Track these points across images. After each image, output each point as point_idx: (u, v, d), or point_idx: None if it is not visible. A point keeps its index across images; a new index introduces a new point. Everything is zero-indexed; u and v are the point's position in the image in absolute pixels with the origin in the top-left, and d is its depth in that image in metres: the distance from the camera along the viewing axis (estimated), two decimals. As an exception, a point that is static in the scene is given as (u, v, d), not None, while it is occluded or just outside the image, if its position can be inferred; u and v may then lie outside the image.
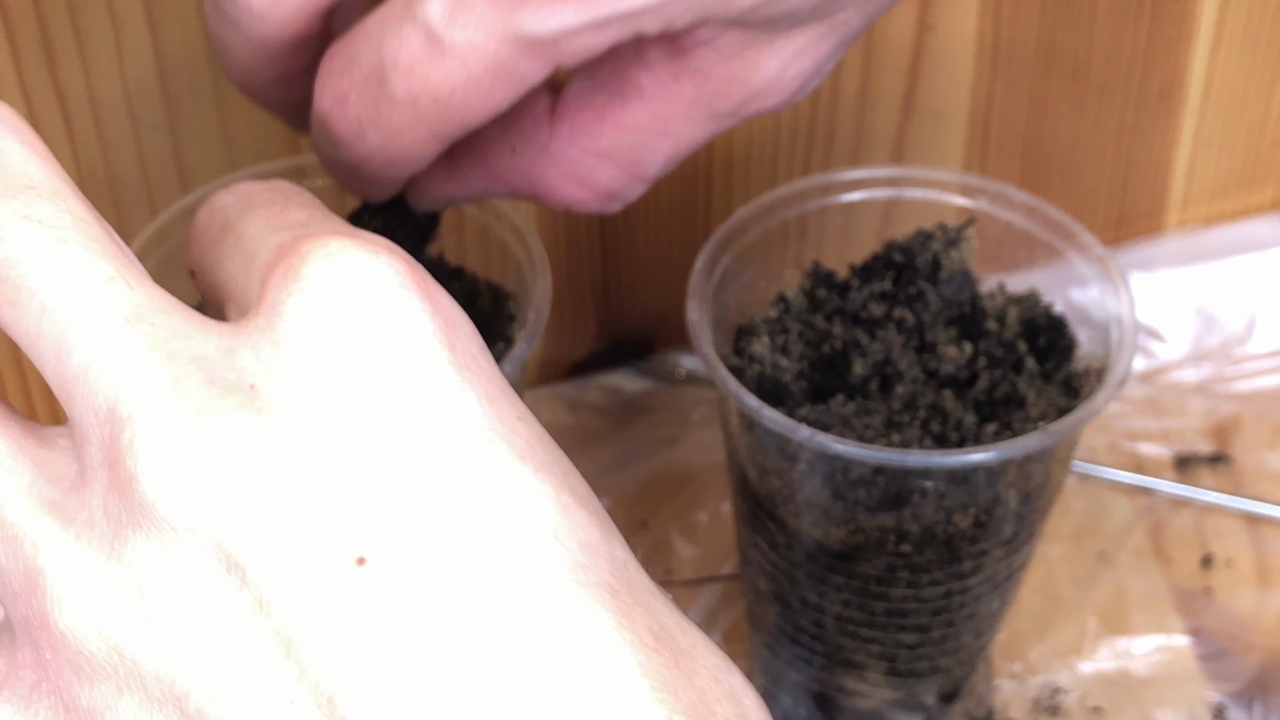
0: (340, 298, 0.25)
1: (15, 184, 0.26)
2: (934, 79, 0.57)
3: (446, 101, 0.34)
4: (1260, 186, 0.64)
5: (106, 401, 0.24)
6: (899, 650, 0.46)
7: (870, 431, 0.42)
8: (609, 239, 0.57)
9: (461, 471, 0.24)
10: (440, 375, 0.25)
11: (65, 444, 0.26)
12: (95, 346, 0.25)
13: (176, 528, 0.24)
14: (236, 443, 0.24)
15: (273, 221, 0.28)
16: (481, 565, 0.24)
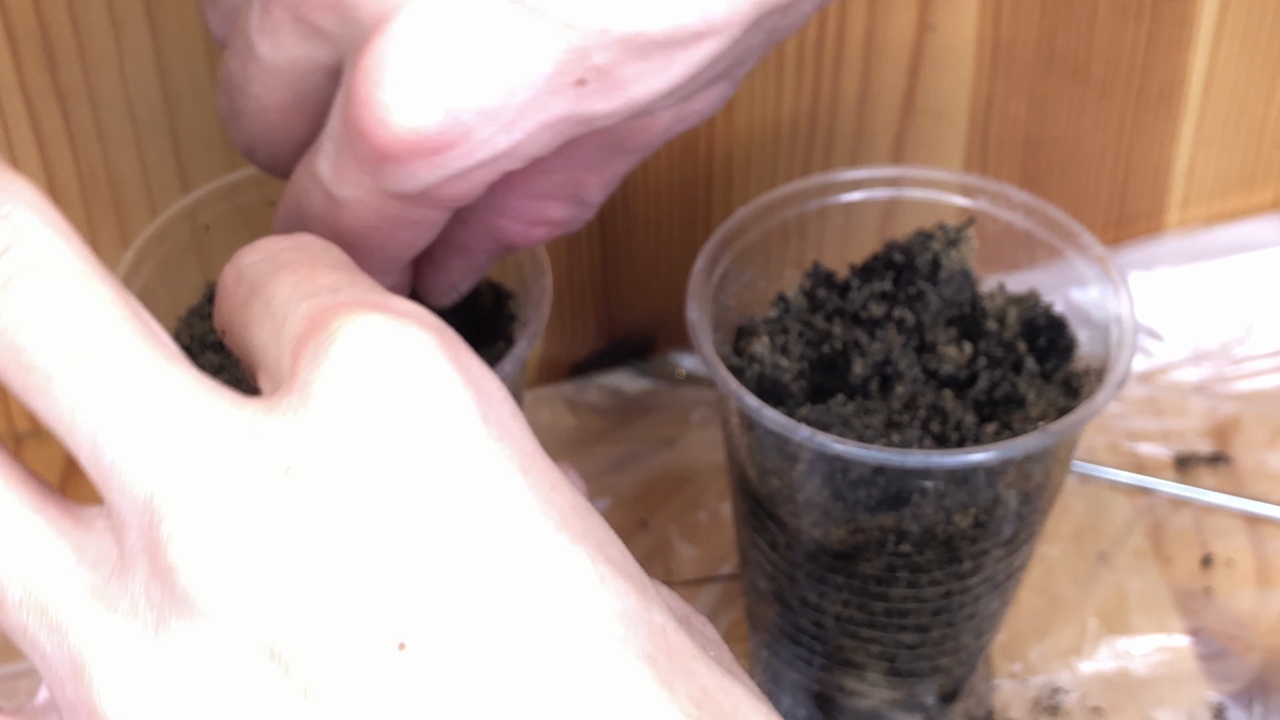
0: (371, 376, 0.25)
1: (41, 270, 0.26)
2: (934, 79, 0.57)
3: (362, 244, 0.35)
4: (1260, 186, 0.64)
5: (144, 494, 0.25)
6: (899, 650, 0.46)
7: (870, 431, 0.42)
8: (609, 239, 0.57)
9: (499, 549, 0.25)
10: (476, 453, 0.25)
11: (104, 525, 0.26)
12: (129, 441, 0.25)
13: (220, 619, 0.24)
14: (274, 533, 0.24)
15: (301, 287, 0.28)
16: (524, 646, 0.24)
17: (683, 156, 0.56)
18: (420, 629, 0.24)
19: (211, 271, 0.44)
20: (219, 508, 0.24)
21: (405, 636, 0.24)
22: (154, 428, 0.25)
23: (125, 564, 0.25)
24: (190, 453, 0.25)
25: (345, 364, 0.25)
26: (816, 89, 0.56)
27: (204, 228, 0.44)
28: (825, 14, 0.54)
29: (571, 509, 0.26)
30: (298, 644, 0.24)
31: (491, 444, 0.25)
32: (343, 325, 0.26)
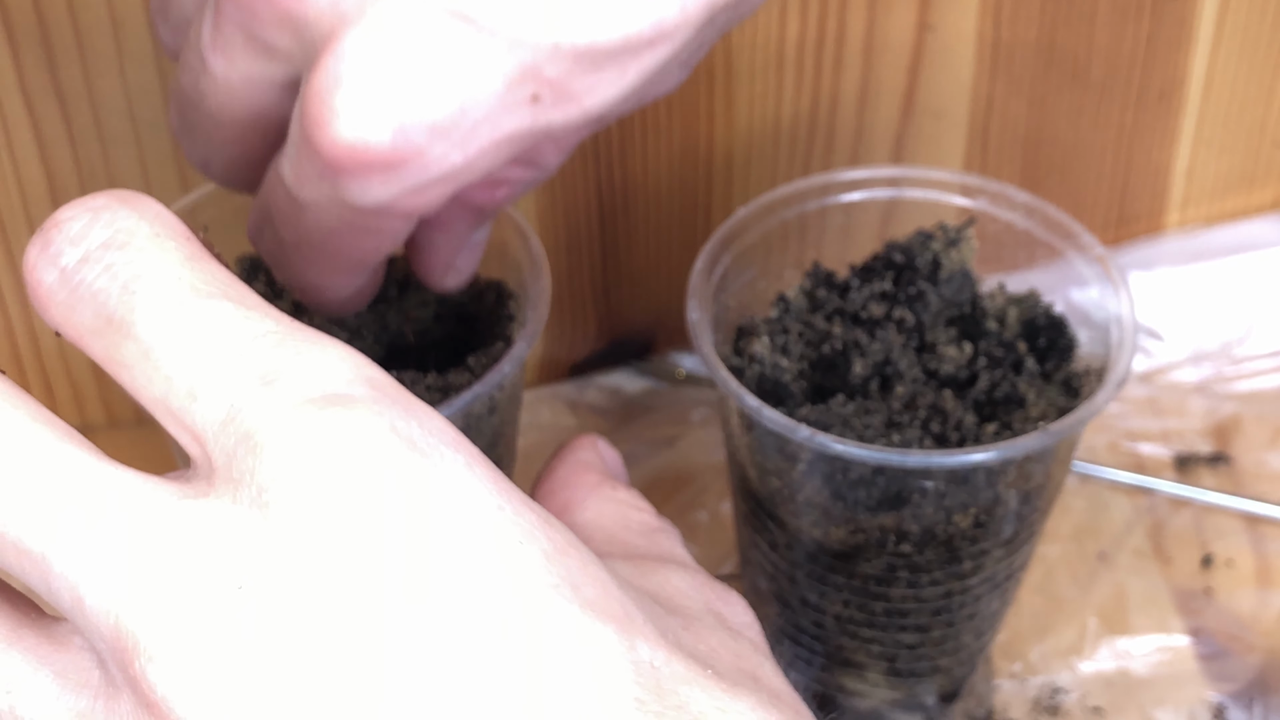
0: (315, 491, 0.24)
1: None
2: (934, 79, 0.57)
3: (326, 246, 0.35)
4: (1260, 186, 0.64)
5: (109, 629, 0.24)
6: (899, 650, 0.46)
7: (870, 431, 0.42)
8: (609, 239, 0.57)
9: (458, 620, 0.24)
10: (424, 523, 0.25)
11: (80, 642, 0.26)
12: (79, 583, 0.24)
13: None
14: (239, 652, 0.24)
15: (186, 337, 0.26)
16: (487, 710, 0.24)
17: (683, 157, 0.56)
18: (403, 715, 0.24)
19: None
20: (184, 642, 0.24)
21: None
22: (105, 562, 0.24)
23: (111, 690, 0.25)
24: (144, 585, 0.24)
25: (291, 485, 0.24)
26: (816, 89, 0.56)
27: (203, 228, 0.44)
28: (825, 14, 0.54)
29: (544, 555, 0.25)
30: None
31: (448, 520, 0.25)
32: (281, 444, 0.25)
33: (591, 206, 0.56)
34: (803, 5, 0.54)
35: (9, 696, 0.25)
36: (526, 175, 0.37)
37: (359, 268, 0.37)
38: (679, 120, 0.55)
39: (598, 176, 0.55)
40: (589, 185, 0.55)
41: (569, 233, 0.56)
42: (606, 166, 0.55)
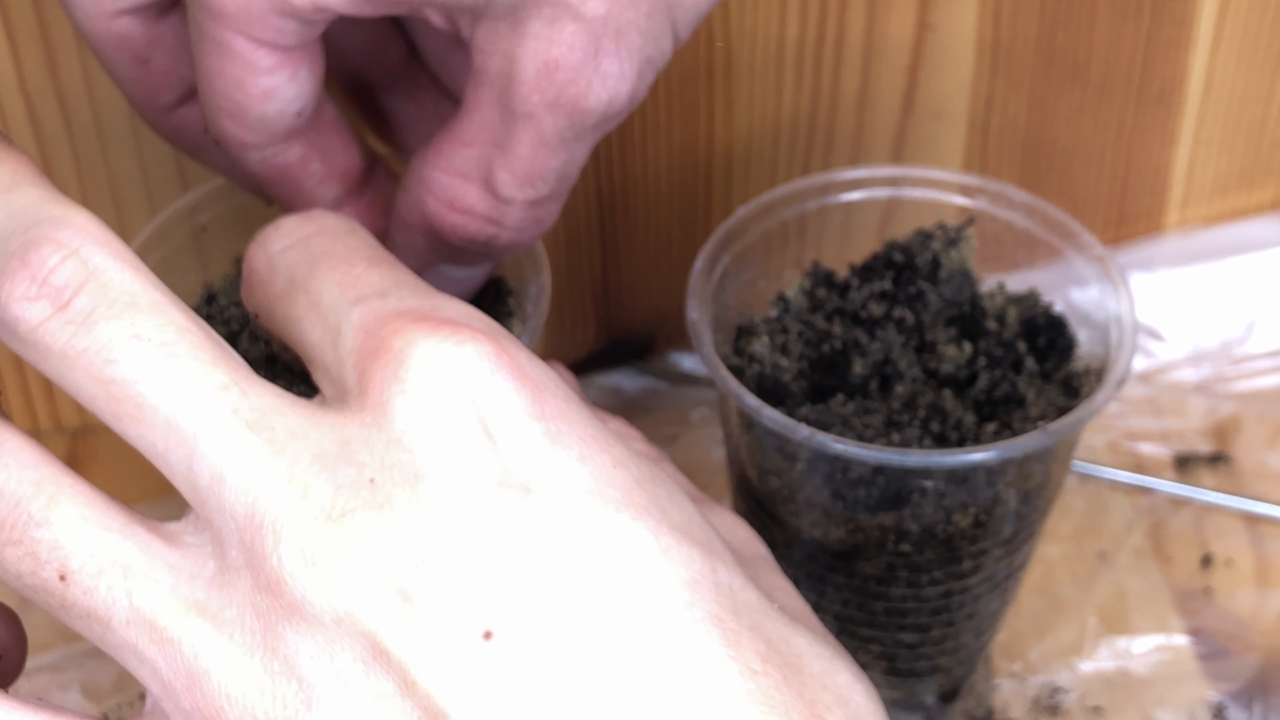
0: (439, 396, 0.27)
1: (117, 303, 0.27)
2: (934, 79, 0.57)
3: (210, 88, 0.36)
4: (1260, 186, 0.64)
5: (244, 509, 0.26)
6: (899, 650, 0.46)
7: (870, 431, 0.42)
8: (609, 239, 0.57)
9: (566, 535, 0.27)
10: (534, 449, 0.28)
11: (191, 540, 0.28)
12: (224, 458, 0.27)
13: (325, 622, 0.26)
14: (368, 539, 0.26)
15: (346, 288, 0.30)
16: (594, 623, 0.26)
17: (682, 156, 0.56)
18: (502, 619, 0.26)
19: (209, 272, 0.44)
20: (316, 521, 0.26)
21: (490, 626, 0.26)
22: (246, 448, 0.27)
23: (228, 577, 0.27)
24: (282, 469, 0.27)
25: (414, 389, 0.27)
26: (816, 89, 0.56)
27: (201, 228, 0.44)
28: (825, 14, 0.54)
29: (634, 482, 0.28)
30: (395, 641, 0.26)
31: (547, 441, 0.28)
32: (406, 352, 0.28)
33: (591, 206, 0.56)
34: (803, 5, 0.54)
35: (125, 583, 0.27)
36: (482, 203, 0.37)
37: (257, 118, 0.37)
38: (679, 120, 0.55)
39: (597, 176, 0.55)
40: (589, 185, 0.55)
41: (569, 232, 0.56)
42: (606, 166, 0.55)
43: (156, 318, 0.27)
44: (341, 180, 0.39)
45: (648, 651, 0.26)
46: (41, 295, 0.27)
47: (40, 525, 0.27)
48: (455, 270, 0.40)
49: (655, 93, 0.54)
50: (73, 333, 0.27)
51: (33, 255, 0.27)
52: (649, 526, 0.27)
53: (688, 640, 0.26)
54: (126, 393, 0.27)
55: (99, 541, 0.27)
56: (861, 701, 0.28)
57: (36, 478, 0.27)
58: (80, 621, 0.27)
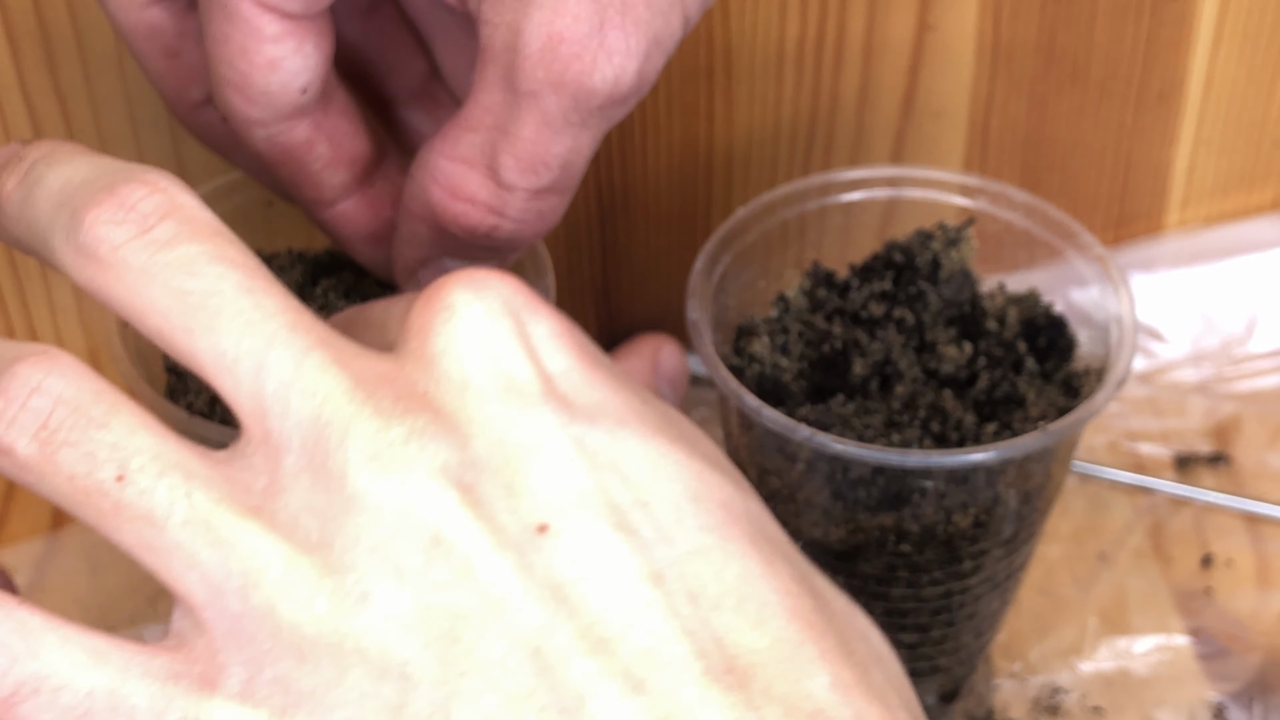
0: (479, 315, 0.29)
1: (202, 231, 0.29)
2: (934, 79, 0.57)
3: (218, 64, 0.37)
4: (1260, 186, 0.64)
5: (310, 411, 0.27)
6: (899, 650, 0.45)
7: (870, 431, 0.42)
8: (609, 239, 0.57)
9: (609, 444, 0.28)
10: (571, 369, 0.29)
11: (241, 462, 0.28)
12: (294, 365, 0.28)
13: (385, 514, 0.27)
14: (426, 437, 0.27)
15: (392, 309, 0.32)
16: (643, 528, 0.27)
17: (682, 156, 0.56)
18: (554, 513, 0.27)
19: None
20: (379, 420, 0.27)
21: (544, 519, 0.27)
22: (315, 358, 0.28)
23: (280, 486, 0.28)
24: (348, 378, 0.28)
25: (458, 314, 0.29)
26: (816, 89, 0.56)
27: None
28: (825, 14, 0.54)
29: (665, 420, 0.30)
30: (456, 530, 0.27)
31: (584, 367, 0.29)
32: (450, 286, 0.29)
33: (591, 206, 0.56)
34: (803, 5, 0.54)
35: (186, 484, 0.28)
36: (485, 192, 0.37)
37: (261, 91, 0.37)
38: (679, 120, 0.55)
39: (597, 176, 0.55)
40: (589, 185, 0.55)
41: (569, 232, 0.56)
42: (606, 166, 0.55)
43: (239, 247, 0.29)
44: (349, 167, 0.39)
45: (696, 559, 0.27)
46: (128, 220, 0.28)
47: (101, 427, 0.28)
48: (457, 265, 0.40)
49: (655, 92, 0.54)
50: (155, 250, 0.28)
51: (122, 187, 0.29)
52: (684, 451, 0.29)
53: (730, 554, 0.28)
54: (206, 303, 0.28)
55: (159, 446, 0.28)
56: (879, 641, 0.30)
57: (96, 388, 0.28)
58: (130, 524, 0.28)
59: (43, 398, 0.28)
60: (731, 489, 0.29)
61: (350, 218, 0.40)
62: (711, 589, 0.27)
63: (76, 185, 0.30)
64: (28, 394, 0.28)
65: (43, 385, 0.28)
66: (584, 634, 0.26)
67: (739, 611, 0.27)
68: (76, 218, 0.29)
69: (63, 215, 0.29)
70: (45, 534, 0.54)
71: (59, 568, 0.53)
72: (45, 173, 0.31)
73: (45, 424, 0.28)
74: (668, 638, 0.26)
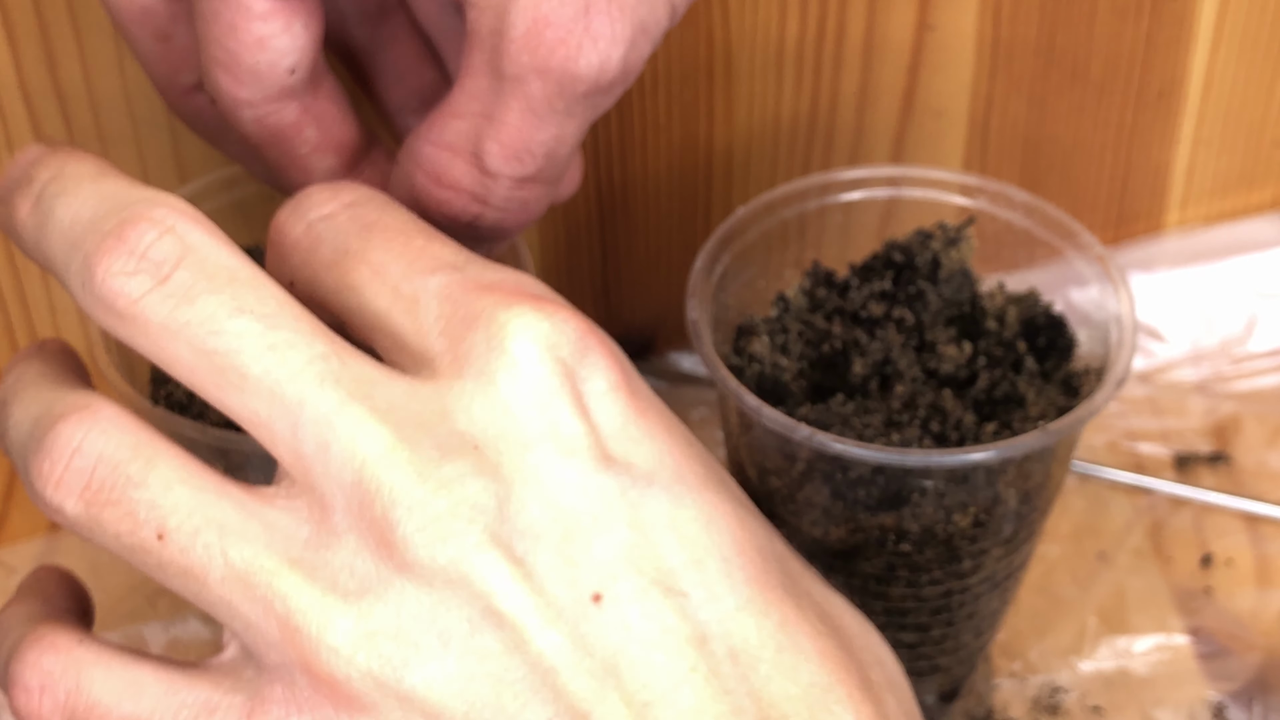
0: (542, 368, 0.28)
1: (218, 277, 0.28)
2: (934, 79, 0.57)
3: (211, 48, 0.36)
4: (1260, 186, 0.64)
5: (352, 474, 0.27)
6: (898, 649, 0.46)
7: (870, 431, 0.42)
8: (609, 239, 0.57)
9: (663, 509, 0.28)
10: (627, 425, 0.29)
11: (284, 504, 0.28)
12: (330, 424, 0.27)
13: (436, 583, 0.27)
14: (479, 502, 0.27)
15: (414, 259, 0.30)
16: (693, 589, 0.28)
17: (682, 155, 0.56)
18: (608, 583, 0.27)
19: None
20: (427, 485, 0.27)
21: (598, 588, 0.27)
22: (350, 414, 0.27)
23: (326, 540, 0.28)
24: (389, 435, 0.27)
25: (518, 357, 0.28)
26: (816, 89, 0.56)
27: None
28: (825, 14, 0.54)
29: (702, 463, 0.30)
30: (508, 600, 0.27)
31: (638, 417, 0.29)
32: (510, 321, 0.28)
33: (591, 206, 0.56)
34: (802, 5, 0.54)
35: (221, 541, 0.28)
36: (469, 179, 0.37)
37: (249, 70, 0.36)
38: (679, 119, 0.55)
39: (597, 176, 0.55)
40: (588, 184, 0.55)
41: (568, 232, 0.56)
42: (606, 166, 0.55)
43: (257, 291, 0.28)
44: (337, 152, 0.39)
45: (740, 614, 0.28)
46: (140, 270, 0.28)
47: (138, 486, 0.28)
48: None
49: (655, 93, 0.54)
50: (175, 305, 0.28)
51: (129, 231, 0.28)
52: (729, 501, 0.30)
53: (770, 603, 0.28)
54: (231, 363, 0.28)
55: (195, 501, 0.28)
56: (891, 662, 0.31)
57: (134, 442, 0.28)
58: (177, 579, 0.28)
59: (84, 458, 0.28)
60: (763, 532, 0.30)
61: None
62: (753, 642, 0.28)
63: (85, 224, 0.29)
64: (70, 455, 0.28)
65: (83, 445, 0.28)
66: (629, 700, 0.27)
67: (776, 662, 0.28)
68: (89, 267, 0.28)
69: (75, 259, 0.29)
70: (45, 534, 0.54)
71: (59, 567, 0.52)
72: (54, 205, 0.30)
73: (88, 484, 0.28)
74: (708, 699, 0.27)
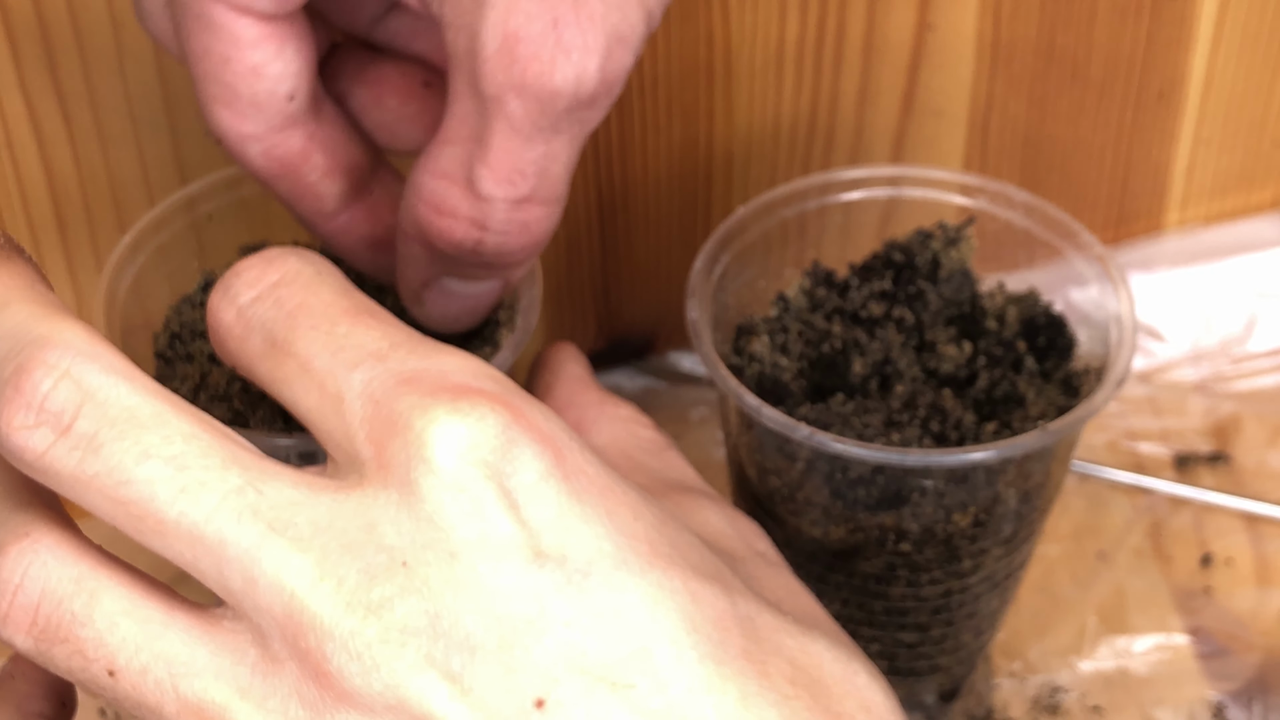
0: (465, 474, 0.27)
1: (118, 421, 0.27)
2: (934, 79, 0.57)
3: (196, 67, 0.36)
4: (1260, 186, 0.64)
5: (281, 608, 0.27)
6: (898, 649, 0.46)
7: (870, 430, 0.42)
8: (609, 239, 0.57)
9: (604, 601, 0.27)
10: (561, 515, 0.28)
11: (231, 625, 0.28)
12: (252, 563, 0.27)
13: (379, 707, 0.27)
14: (410, 626, 0.27)
15: (337, 351, 0.29)
16: (640, 678, 0.27)
17: (682, 156, 0.56)
18: (548, 689, 0.27)
19: (209, 261, 0.44)
20: (355, 616, 0.27)
21: (540, 695, 0.27)
22: (272, 551, 0.27)
23: (271, 667, 0.27)
24: (312, 567, 0.27)
25: (441, 470, 0.27)
26: (816, 89, 0.56)
27: (207, 217, 0.44)
28: (825, 14, 0.54)
29: (655, 530, 0.29)
30: (446, 717, 0.27)
31: (574, 503, 0.28)
32: (428, 429, 0.27)
33: (591, 205, 0.56)
34: (803, 5, 0.54)
35: (171, 678, 0.28)
36: (466, 205, 0.37)
37: (249, 101, 0.36)
38: (679, 119, 0.55)
39: (597, 175, 0.55)
40: (589, 184, 0.55)
41: (569, 232, 0.56)
42: (606, 165, 0.55)
43: (160, 430, 0.27)
44: (346, 176, 0.39)
45: (693, 697, 0.27)
46: (41, 422, 0.27)
47: (84, 624, 0.28)
48: (459, 285, 0.39)
49: (655, 93, 0.54)
50: (80, 458, 0.27)
51: (25, 381, 0.27)
52: (678, 575, 0.28)
53: (726, 679, 0.27)
54: (145, 510, 0.27)
55: (141, 635, 0.28)
56: (880, 700, 0.29)
57: (76, 574, 0.28)
58: (135, 711, 0.28)
59: (27, 595, 0.28)
60: (722, 600, 0.29)
61: (351, 228, 0.40)
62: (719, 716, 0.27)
63: None
64: (13, 591, 0.28)
65: (24, 582, 0.28)
66: None
67: None
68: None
69: None
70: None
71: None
72: None
73: (34, 621, 0.28)
74: None
